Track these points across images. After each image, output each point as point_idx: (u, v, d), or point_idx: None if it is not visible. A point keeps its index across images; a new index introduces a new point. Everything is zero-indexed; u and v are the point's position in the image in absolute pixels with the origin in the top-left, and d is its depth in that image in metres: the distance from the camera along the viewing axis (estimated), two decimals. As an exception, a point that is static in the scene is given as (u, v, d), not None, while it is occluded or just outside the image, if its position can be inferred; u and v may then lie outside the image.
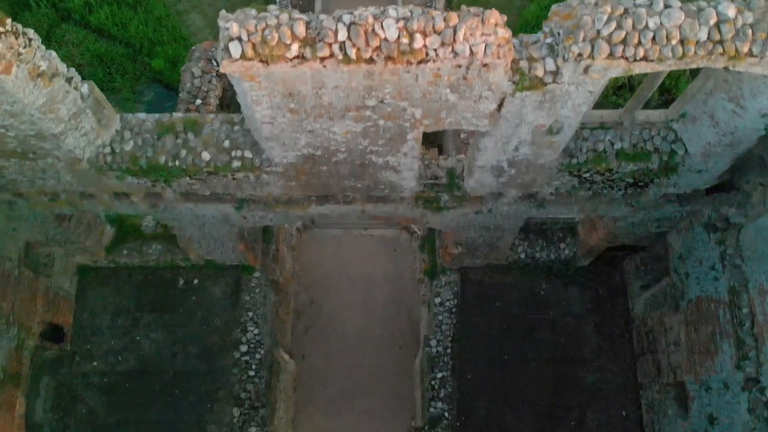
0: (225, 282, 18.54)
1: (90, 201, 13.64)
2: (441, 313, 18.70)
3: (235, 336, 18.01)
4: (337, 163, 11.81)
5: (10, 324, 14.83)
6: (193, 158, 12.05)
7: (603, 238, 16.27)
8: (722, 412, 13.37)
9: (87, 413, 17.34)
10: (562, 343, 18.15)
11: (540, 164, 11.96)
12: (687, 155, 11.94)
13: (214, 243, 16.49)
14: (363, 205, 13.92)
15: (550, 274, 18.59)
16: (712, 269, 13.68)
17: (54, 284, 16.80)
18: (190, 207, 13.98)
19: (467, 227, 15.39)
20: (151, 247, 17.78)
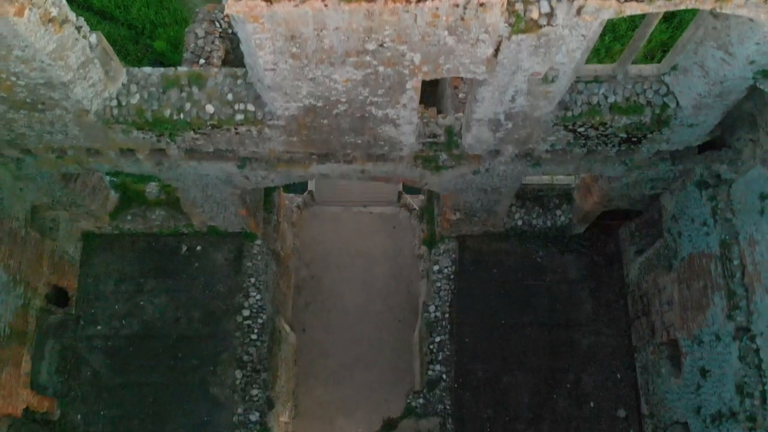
0: (227, 248, 18.86)
1: (96, 158, 13.94)
2: (439, 280, 19.01)
3: (237, 301, 18.32)
4: (338, 116, 12.11)
5: (17, 282, 15.12)
6: (197, 111, 12.36)
7: (598, 201, 16.59)
8: (714, 364, 13.70)
9: (91, 376, 17.65)
10: (558, 308, 18.48)
11: (536, 117, 12.28)
12: (678, 108, 12.26)
13: (216, 207, 16.79)
14: (363, 164, 14.23)
15: (546, 241, 18.91)
16: (703, 225, 14.01)
17: (59, 248, 17.11)
18: (194, 165, 14.29)
19: (465, 189, 15.70)
20: (154, 213, 18.08)
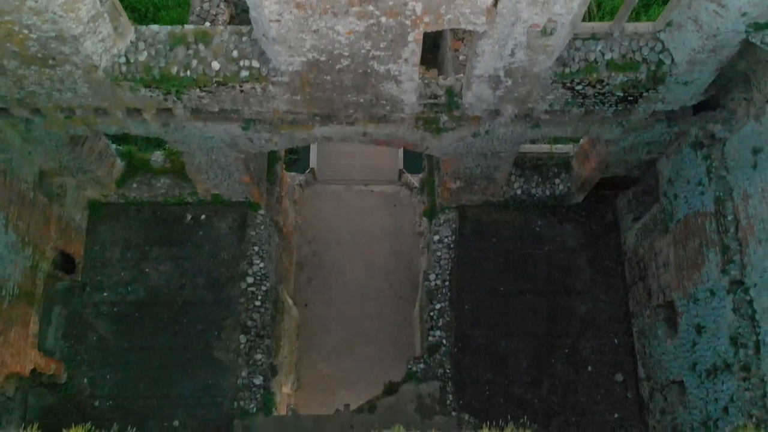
0: (231, 218, 19.15)
1: (104, 119, 14.23)
2: (439, 250, 19.30)
3: (241, 268, 18.61)
4: (341, 72, 12.40)
5: (26, 244, 15.41)
6: (203, 68, 12.66)
7: (596, 167, 16.89)
8: (709, 320, 13.99)
9: (97, 341, 17.94)
10: (556, 276, 18.77)
11: (535, 73, 12.57)
12: (673, 65, 12.55)
13: (221, 173, 17.08)
14: (365, 125, 14.52)
15: (545, 210, 19.20)
16: (698, 185, 14.30)
17: (66, 214, 17.40)
18: (199, 127, 14.58)
19: (465, 154, 15.99)
20: (159, 181, 18.38)
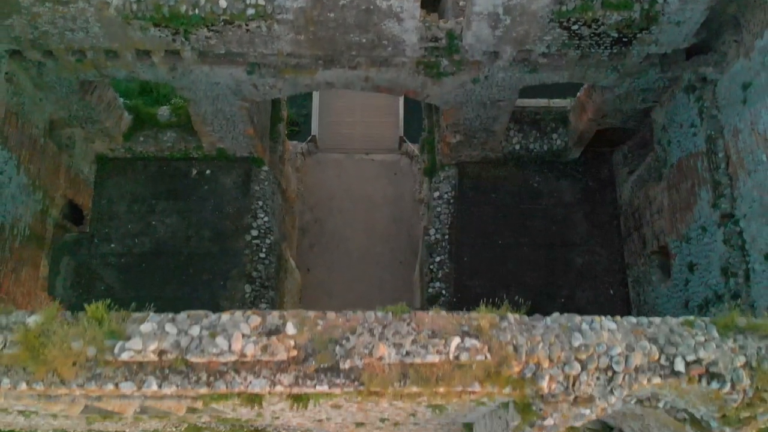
0: (236, 173, 19.57)
1: (114, 62, 14.65)
2: (439, 206, 19.72)
3: (246, 221, 19.03)
4: (344, 8, 12.84)
5: (36, 187, 15.83)
6: (210, 6, 13.07)
7: (592, 118, 17.30)
8: (700, 256, 14.41)
9: (105, 291, 18.33)
10: (553, 230, 19.19)
11: (533, 11, 12.99)
12: (666, 3, 12.97)
13: (226, 124, 17.48)
14: (367, 69, 14.94)
15: (543, 167, 19.62)
16: (691, 127, 14.73)
17: (75, 165, 17.82)
18: (206, 71, 15.00)
19: (465, 102, 16.40)
20: (165, 135, 18.79)
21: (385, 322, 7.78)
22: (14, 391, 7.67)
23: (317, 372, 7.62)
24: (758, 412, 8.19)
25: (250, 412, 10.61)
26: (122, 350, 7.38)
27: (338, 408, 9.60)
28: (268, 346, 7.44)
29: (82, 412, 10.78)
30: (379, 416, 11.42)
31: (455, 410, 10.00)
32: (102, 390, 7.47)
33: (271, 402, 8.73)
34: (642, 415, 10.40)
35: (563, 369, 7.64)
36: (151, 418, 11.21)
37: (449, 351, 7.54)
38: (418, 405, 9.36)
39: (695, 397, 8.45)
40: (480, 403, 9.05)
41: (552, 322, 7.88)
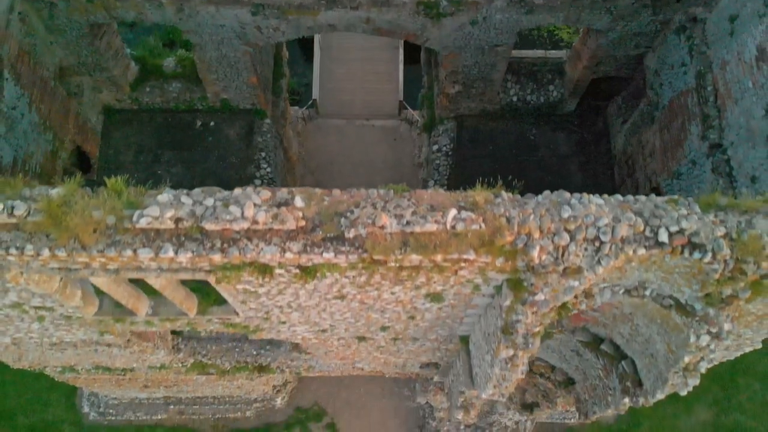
0: (239, 125, 20.03)
1: (123, 2, 15.12)
2: (438, 158, 20.22)
3: (249, 171, 19.50)
4: (347, -58, 13.33)
5: (47, 128, 16.30)
6: (218, -58, 13.57)
7: (587, 65, 17.79)
8: (690, 190, 14.91)
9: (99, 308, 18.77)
10: (549, 179, 19.65)
11: (527, -55, 13.49)
12: (657, -61, 13.48)
13: (230, 72, 17.93)
14: (368, 10, 15.41)
15: (539, 119, 20.11)
16: (682, 65, 15.22)
17: (83, 113, 18.28)
18: (212, 12, 15.46)
19: (464, 47, 16.87)
20: (171, 86, 19.25)
21: (387, 198, 8.27)
22: (37, 260, 8.16)
23: (324, 241, 8.11)
24: (739, 288, 8.69)
25: (258, 314, 11.11)
26: (140, 217, 7.86)
27: (342, 298, 10.06)
28: (278, 215, 7.93)
29: (95, 314, 11.29)
30: (380, 324, 11.91)
31: (452, 304, 10.48)
32: (121, 255, 7.95)
33: (280, 282, 9.20)
34: (631, 315, 10.90)
35: (553, 239, 8.14)
36: (162, 321, 11.68)
37: (446, 221, 8.03)
38: (417, 293, 9.84)
39: (679, 276, 8.95)
40: (475, 288, 9.54)
41: (543, 199, 8.39)
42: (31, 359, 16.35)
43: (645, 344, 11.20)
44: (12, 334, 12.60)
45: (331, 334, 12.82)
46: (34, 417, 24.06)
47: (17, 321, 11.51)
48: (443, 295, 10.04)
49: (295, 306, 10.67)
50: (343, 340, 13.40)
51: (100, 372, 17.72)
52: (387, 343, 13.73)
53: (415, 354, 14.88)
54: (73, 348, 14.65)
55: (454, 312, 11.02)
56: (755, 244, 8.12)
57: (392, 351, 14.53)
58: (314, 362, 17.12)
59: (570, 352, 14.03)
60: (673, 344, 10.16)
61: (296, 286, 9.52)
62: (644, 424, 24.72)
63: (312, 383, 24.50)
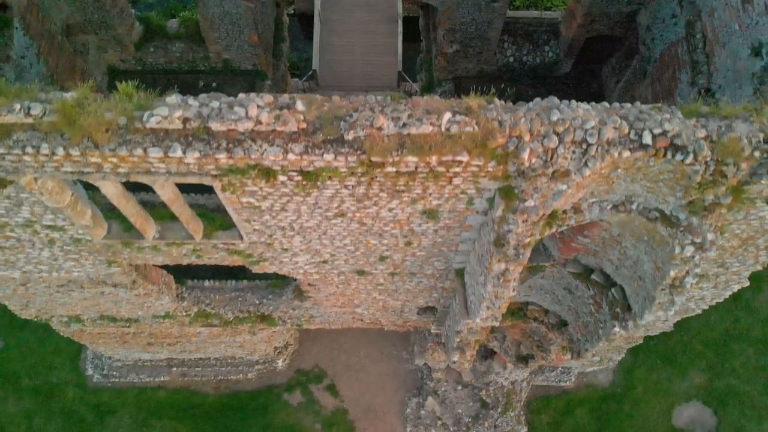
0: (240, 86, 20.43)
1: (128, -45, 15.56)
2: (436, 119, 20.61)
3: (250, 130, 19.89)
4: None
5: (54, 80, 16.69)
6: None
7: (581, 24, 18.22)
8: (680, 137, 15.31)
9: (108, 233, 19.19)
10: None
11: None
12: None
13: (232, 29, 18.35)
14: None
15: (536, 81, 20.54)
16: (672, 17, 15.65)
17: (89, 70, 18.69)
18: (216, -36, 15.93)
19: (461, 3, 17.32)
20: (174, 46, 19.67)
21: (384, 103, 8.68)
22: (52, 160, 8.57)
23: (324, 143, 8.52)
24: (720, 193, 9.11)
25: (261, 237, 11.53)
26: (150, 117, 8.27)
27: (342, 216, 10.47)
28: (281, 116, 8.34)
29: (104, 237, 11.71)
30: (378, 252, 12.33)
31: (447, 225, 10.89)
32: (132, 155, 8.37)
33: (283, 195, 9.62)
34: (619, 238, 11.31)
35: (542, 142, 8.55)
36: (168, 246, 12.09)
37: (441, 123, 8.44)
38: (413, 209, 10.26)
39: (664, 184, 9.36)
40: (469, 202, 9.95)
41: (533, 105, 8.79)
42: (38, 306, 16.74)
43: (633, 267, 11.62)
44: (22, 266, 13.02)
45: (331, 267, 13.24)
46: (38, 379, 24.48)
47: (28, 247, 11.93)
48: (438, 213, 10.46)
49: (297, 228, 11.09)
50: (343, 275, 13.82)
51: (106, 322, 18.11)
52: (385, 280, 14.14)
53: (413, 295, 15.30)
54: (80, 290, 15.05)
55: (449, 235, 11.43)
56: (734, 146, 8.54)
57: (390, 291, 14.95)
58: (315, 311, 17.53)
59: (562, 291, 14.45)
60: (659, 260, 10.58)
61: (298, 200, 9.94)
62: (638, 387, 25.13)
63: (313, 347, 24.93)
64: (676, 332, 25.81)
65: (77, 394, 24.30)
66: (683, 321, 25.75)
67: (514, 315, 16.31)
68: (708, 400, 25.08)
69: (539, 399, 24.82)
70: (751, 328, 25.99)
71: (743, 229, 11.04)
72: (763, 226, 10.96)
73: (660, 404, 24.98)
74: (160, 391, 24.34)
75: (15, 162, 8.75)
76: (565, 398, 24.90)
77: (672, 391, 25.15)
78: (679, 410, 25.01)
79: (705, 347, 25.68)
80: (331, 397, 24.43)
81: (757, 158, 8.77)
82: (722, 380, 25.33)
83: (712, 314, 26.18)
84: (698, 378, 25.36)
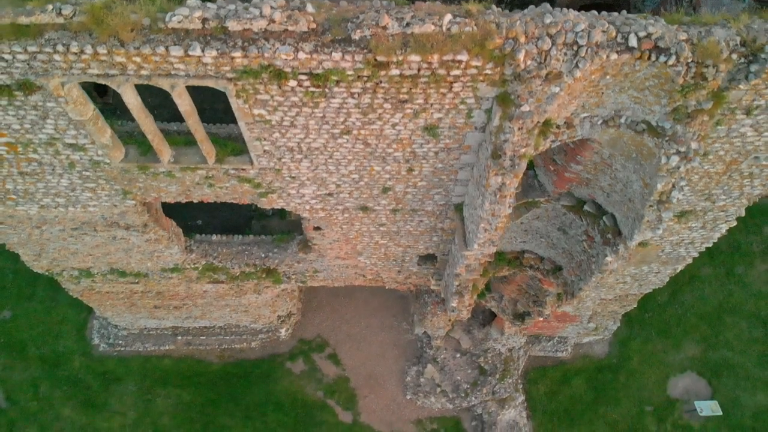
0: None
1: None
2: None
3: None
4: None
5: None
6: None
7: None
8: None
9: (127, 155, 19.84)
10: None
11: None
12: None
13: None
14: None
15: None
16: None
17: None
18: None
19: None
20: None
21: (389, 6, 9.37)
22: (80, 60, 9.23)
23: (333, 42, 9.20)
24: (702, 98, 9.76)
25: (270, 162, 12.15)
26: (172, 17, 8.95)
27: (348, 134, 11.11)
28: (292, 15, 9.02)
29: (122, 161, 12.34)
30: (381, 182, 12.95)
31: (447, 146, 11.54)
32: (155, 53, 9.04)
33: (293, 105, 10.27)
34: (610, 160, 11.94)
35: (536, 44, 9.22)
36: (182, 171, 12.71)
37: (443, 23, 9.12)
38: (415, 125, 10.90)
39: (649, 92, 10.02)
40: (468, 116, 10.60)
41: (528, 11, 9.47)
42: (51, 256, 17.32)
43: (623, 191, 12.24)
44: (40, 199, 13.62)
45: (336, 201, 13.85)
46: (45, 348, 24.94)
47: (48, 173, 12.55)
48: (439, 130, 11.11)
49: (305, 149, 11.73)
50: (347, 213, 14.42)
51: (116, 277, 18.68)
52: (387, 219, 14.75)
53: (414, 239, 15.90)
54: (92, 233, 15.65)
55: (449, 159, 12.07)
56: (714, 48, 9.21)
57: (392, 234, 15.54)
58: (318, 264, 18.11)
59: (556, 232, 15.06)
60: (647, 176, 11.21)
61: (306, 112, 10.58)
62: (634, 358, 25.63)
63: (315, 317, 25.44)
64: (670, 305, 26.44)
65: (83, 362, 24.76)
66: (677, 294, 26.43)
67: (511, 263, 16.89)
68: (702, 371, 25.58)
69: (536, 369, 25.30)
70: (744, 301, 26.54)
71: (726, 149, 11.69)
72: (745, 147, 11.62)
73: (655, 375, 25.47)
74: (164, 359, 24.81)
75: (45, 63, 9.41)
76: (562, 368, 25.39)
77: (667, 362, 25.65)
78: (674, 381, 25.49)
79: (699, 320, 26.22)
80: (333, 365, 24.90)
81: (735, 61, 9.45)
82: (716, 352, 25.84)
83: (706, 288, 26.81)
84: (692, 350, 25.87)
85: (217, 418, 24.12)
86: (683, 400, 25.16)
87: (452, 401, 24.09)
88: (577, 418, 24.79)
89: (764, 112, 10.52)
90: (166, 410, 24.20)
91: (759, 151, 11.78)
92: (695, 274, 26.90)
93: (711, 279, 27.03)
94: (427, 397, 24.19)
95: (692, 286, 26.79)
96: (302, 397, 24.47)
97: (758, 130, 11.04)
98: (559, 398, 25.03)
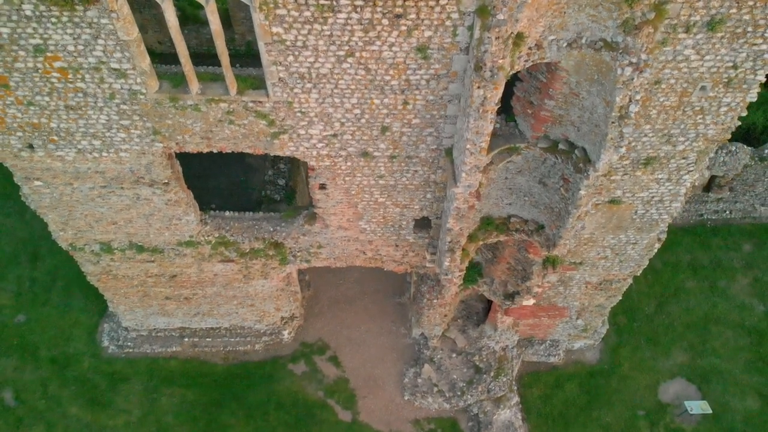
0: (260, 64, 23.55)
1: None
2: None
3: (267, 101, 22.79)
4: None
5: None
6: None
7: None
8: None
9: (148, 150, 21.80)
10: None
11: None
12: None
13: (257, 9, 21.67)
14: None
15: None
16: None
17: (132, 43, 21.84)
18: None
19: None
20: (205, 29, 22.93)
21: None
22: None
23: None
24: (645, 9, 11.77)
25: (284, 93, 14.04)
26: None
27: (351, 56, 13.05)
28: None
29: (156, 91, 14.22)
30: (380, 118, 14.78)
31: (436, 72, 13.46)
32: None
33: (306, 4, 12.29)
34: (577, 88, 13.81)
35: (506, -42, 11.35)
36: (207, 104, 14.54)
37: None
38: (409, 45, 12.87)
39: (603, 9, 12.04)
40: (453, 34, 12.58)
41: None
42: (76, 227, 18.91)
43: (590, 119, 14.03)
44: (79, 140, 15.42)
45: (340, 145, 15.63)
46: (56, 351, 25.89)
47: (90, 106, 14.42)
48: (429, 52, 13.07)
49: (314, 76, 13.66)
50: (350, 161, 16.16)
51: (134, 253, 20.16)
52: (386, 170, 16.47)
53: (410, 197, 17.55)
54: (119, 191, 17.32)
55: (438, 89, 13.97)
56: (651, -39, 11.33)
57: (390, 188, 17.19)
58: (322, 237, 19.64)
59: (538, 186, 16.72)
60: (608, 95, 13.05)
61: (317, 29, 12.56)
62: (624, 364, 26.50)
63: (317, 322, 26.55)
64: (658, 315, 27.59)
65: (92, 363, 25.65)
66: (664, 305, 27.62)
67: (499, 228, 18.42)
68: (692, 377, 26.38)
69: (530, 374, 26.13)
70: (728, 312, 27.70)
71: (676, 78, 13.61)
72: (691, 74, 13.55)
73: (646, 380, 26.26)
74: (171, 361, 25.71)
75: (104, -27, 11.51)
76: (555, 374, 26.22)
77: (657, 369, 26.49)
78: (665, 386, 26.24)
79: (686, 329, 27.27)
80: (333, 367, 25.77)
81: (670, -27, 11.54)
82: (704, 359, 26.73)
83: (691, 300, 28.05)
84: (681, 357, 26.76)
85: (220, 416, 24.76)
86: (674, 405, 25.82)
87: (449, 401, 24.81)
88: (572, 421, 25.39)
89: (701, 30, 12.52)
90: (171, 409, 24.88)
91: (704, 80, 13.69)
92: (680, 287, 28.22)
93: (695, 291, 28.31)
94: (425, 398, 24.92)
95: (678, 298, 28.04)
96: (303, 396, 25.20)
97: (699, 52, 13.00)
98: (553, 402, 25.72)
